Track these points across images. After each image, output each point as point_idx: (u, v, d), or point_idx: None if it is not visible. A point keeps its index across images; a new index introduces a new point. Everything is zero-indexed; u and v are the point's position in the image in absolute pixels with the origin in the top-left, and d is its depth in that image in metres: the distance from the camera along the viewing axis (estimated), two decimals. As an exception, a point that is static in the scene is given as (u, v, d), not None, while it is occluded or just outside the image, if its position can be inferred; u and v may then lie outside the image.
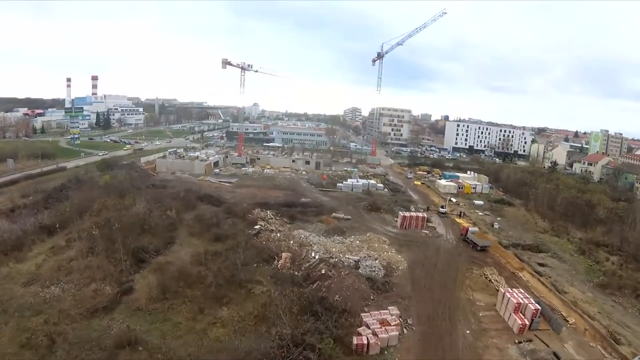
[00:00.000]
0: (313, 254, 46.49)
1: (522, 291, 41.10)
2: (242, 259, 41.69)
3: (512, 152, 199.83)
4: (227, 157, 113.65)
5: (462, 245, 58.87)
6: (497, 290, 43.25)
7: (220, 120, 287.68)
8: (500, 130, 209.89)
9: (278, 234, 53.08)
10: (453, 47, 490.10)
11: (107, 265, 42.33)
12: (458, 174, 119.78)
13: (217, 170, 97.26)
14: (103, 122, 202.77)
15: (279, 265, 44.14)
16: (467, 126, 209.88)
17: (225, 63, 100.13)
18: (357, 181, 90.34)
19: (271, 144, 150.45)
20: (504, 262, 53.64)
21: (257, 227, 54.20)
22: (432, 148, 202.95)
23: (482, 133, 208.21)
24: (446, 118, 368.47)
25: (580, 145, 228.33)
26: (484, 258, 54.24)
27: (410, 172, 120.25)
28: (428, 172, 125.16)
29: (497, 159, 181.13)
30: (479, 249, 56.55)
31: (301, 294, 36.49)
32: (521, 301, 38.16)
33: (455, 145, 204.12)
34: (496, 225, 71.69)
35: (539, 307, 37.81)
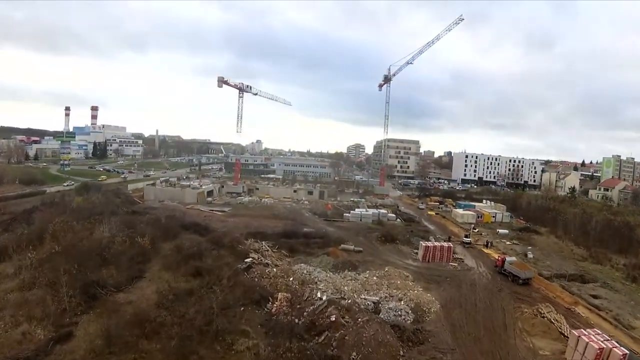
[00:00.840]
0: (319, 294, 35.53)
1: (599, 332, 32.07)
2: (222, 299, 30.82)
3: (523, 182, 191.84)
4: (222, 186, 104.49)
5: (499, 278, 49.25)
6: (561, 333, 34.31)
7: (221, 155, 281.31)
8: (510, 161, 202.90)
9: (274, 269, 42.07)
10: (455, 84, 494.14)
11: (50, 301, 32.27)
12: (474, 203, 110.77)
13: (209, 199, 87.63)
14: (100, 152, 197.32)
15: (273, 309, 33.33)
16: (476, 157, 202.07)
17: (222, 82, 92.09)
18: (367, 210, 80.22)
19: (270, 175, 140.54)
20: (553, 296, 44.74)
21: (248, 260, 43.21)
22: (440, 180, 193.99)
23: (491, 164, 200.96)
24: (449, 154, 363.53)
25: (589, 173, 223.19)
26: (529, 293, 45.07)
27: (422, 203, 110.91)
28: (440, 203, 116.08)
29: (509, 189, 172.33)
30: (520, 282, 47.47)
31: (303, 350, 25.75)
32: (603, 345, 29.01)
33: (464, 177, 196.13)
34: (530, 255, 62.72)
35: (627, 352, 28.93)
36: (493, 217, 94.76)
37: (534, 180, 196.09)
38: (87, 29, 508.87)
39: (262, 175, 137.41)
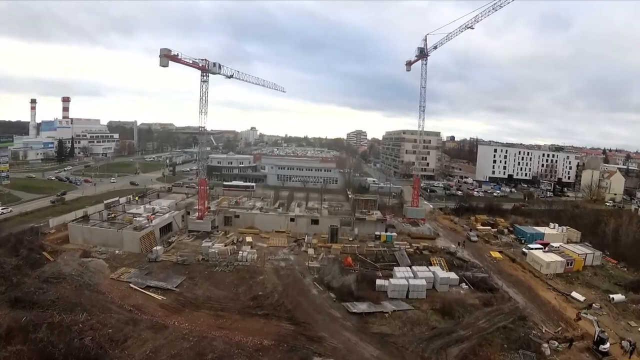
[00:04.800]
0: None
1: None
2: None
3: (557, 179, 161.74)
4: (189, 213, 71.71)
5: None
6: None
7: (208, 149, 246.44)
8: (543, 155, 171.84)
9: None
10: (457, 65, 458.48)
11: None
12: (540, 229, 78.78)
13: (157, 249, 54.25)
14: (65, 151, 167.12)
15: None
16: (506, 151, 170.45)
17: (167, 57, 51.89)
18: (414, 276, 47.97)
19: (238, 183, 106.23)
20: None
21: None
22: (466, 180, 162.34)
23: (522, 159, 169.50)
24: (452, 139, 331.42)
25: (625, 167, 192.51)
26: None
27: (471, 230, 79.14)
28: (492, 226, 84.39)
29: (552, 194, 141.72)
30: None
31: None
32: None
33: (492, 175, 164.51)
34: None
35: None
36: (583, 258, 64.08)
37: (569, 178, 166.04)
38: (70, 12, 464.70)
39: (225, 184, 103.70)
